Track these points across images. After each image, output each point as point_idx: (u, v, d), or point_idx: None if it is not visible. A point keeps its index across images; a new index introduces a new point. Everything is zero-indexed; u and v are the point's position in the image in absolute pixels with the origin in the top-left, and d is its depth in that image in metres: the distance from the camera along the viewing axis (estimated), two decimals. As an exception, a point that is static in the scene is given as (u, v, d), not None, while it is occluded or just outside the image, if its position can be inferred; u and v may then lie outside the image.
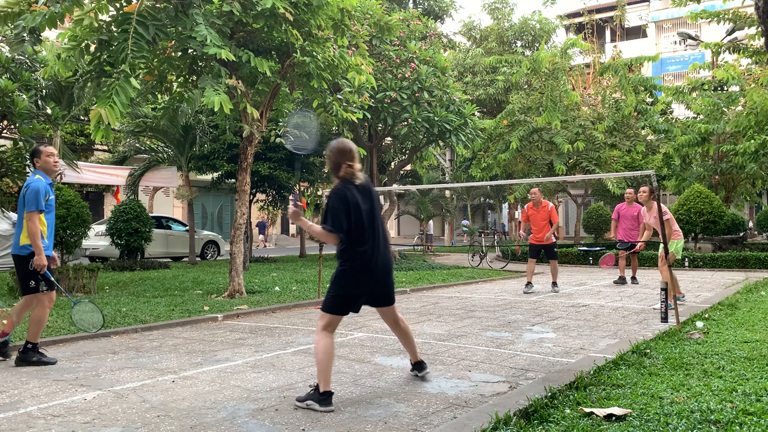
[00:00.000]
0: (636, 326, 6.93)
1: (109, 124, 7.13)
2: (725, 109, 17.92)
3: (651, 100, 21.60)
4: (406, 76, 15.91)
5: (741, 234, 19.02)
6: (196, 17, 7.71)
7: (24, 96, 11.93)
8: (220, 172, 17.88)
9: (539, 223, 10.38)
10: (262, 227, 33.11)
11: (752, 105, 14.99)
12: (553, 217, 10.37)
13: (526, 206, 10.89)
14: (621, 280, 11.70)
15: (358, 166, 4.18)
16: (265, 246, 32.84)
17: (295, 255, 23.12)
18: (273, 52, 9.43)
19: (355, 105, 12.33)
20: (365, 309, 8.91)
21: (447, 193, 32.46)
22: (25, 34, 7.67)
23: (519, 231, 11.65)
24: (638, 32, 41.13)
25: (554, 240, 10.40)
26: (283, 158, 17.29)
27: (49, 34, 11.59)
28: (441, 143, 18.80)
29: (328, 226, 4.03)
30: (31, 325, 5.25)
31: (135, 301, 8.84)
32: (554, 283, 10.68)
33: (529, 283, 10.67)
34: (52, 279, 5.32)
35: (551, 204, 10.50)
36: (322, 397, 3.86)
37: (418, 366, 4.62)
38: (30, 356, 5.22)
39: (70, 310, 6.47)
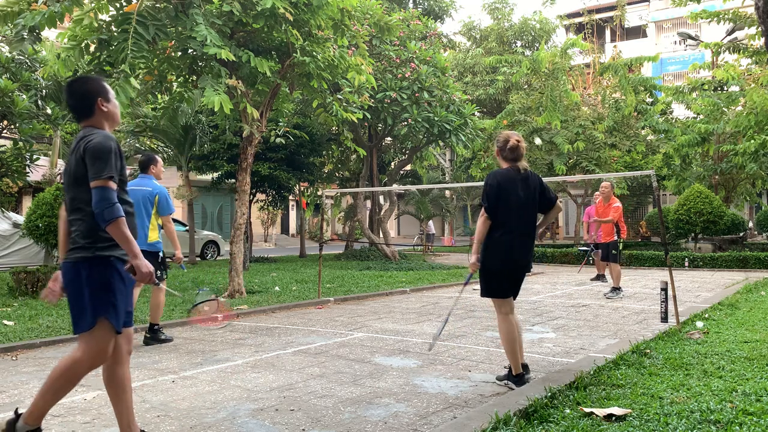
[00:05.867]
0: (636, 326, 6.93)
1: (109, 124, 7.12)
2: (725, 109, 17.92)
3: (651, 100, 21.60)
4: (406, 76, 15.91)
5: (741, 234, 19.02)
6: (196, 17, 7.71)
7: (24, 96, 11.93)
8: (220, 172, 17.88)
9: None
10: None
11: (752, 105, 14.99)
12: None
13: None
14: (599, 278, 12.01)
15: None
16: None
17: (295, 255, 23.11)
18: (273, 52, 9.43)
19: (355, 105, 12.32)
20: (365, 308, 8.91)
21: (447, 193, 32.46)
22: (24, 33, 7.66)
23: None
24: (638, 32, 41.11)
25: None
26: (283, 158, 17.29)
27: (49, 34, 11.60)
28: (441, 143, 18.80)
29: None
30: (152, 310, 6.16)
31: (136, 301, 8.83)
32: None
33: None
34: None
35: None
36: (515, 378, 4.33)
37: None
38: (159, 335, 6.16)
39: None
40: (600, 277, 12.01)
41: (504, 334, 4.33)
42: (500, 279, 4.40)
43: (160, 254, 6.16)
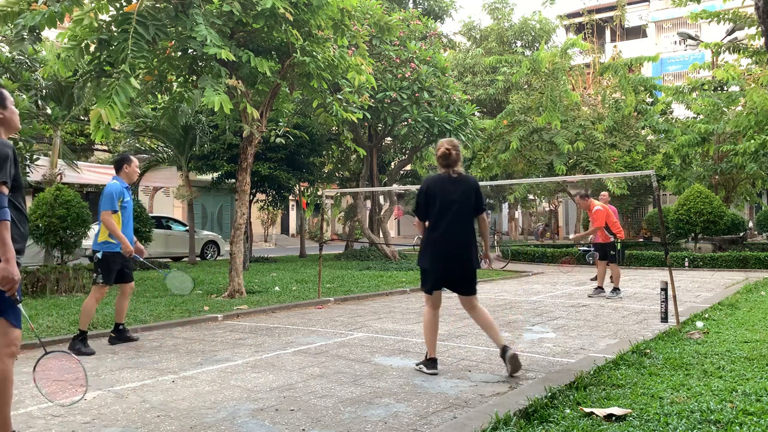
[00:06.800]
0: (636, 326, 6.92)
1: (109, 124, 7.13)
2: (725, 109, 17.91)
3: (651, 100, 21.60)
4: (406, 76, 15.91)
5: (741, 234, 19.01)
6: (196, 17, 7.70)
7: (24, 96, 11.93)
8: (220, 172, 17.87)
9: None
10: None
11: (752, 105, 14.99)
12: None
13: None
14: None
15: None
16: None
17: (295, 255, 23.11)
18: (273, 52, 9.43)
19: (355, 105, 12.32)
20: (365, 308, 8.91)
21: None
22: (24, 33, 7.66)
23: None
24: (638, 32, 41.12)
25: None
26: (283, 158, 17.28)
27: (49, 34, 11.60)
28: (441, 143, 18.74)
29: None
30: (81, 314, 5.87)
31: (135, 301, 8.83)
32: None
33: None
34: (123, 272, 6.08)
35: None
36: (428, 362, 4.80)
37: None
38: (74, 344, 5.73)
39: (163, 281, 7.76)
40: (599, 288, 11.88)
41: (425, 323, 4.89)
42: (429, 276, 4.87)
43: (98, 255, 5.89)
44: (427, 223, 4.90)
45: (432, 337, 4.83)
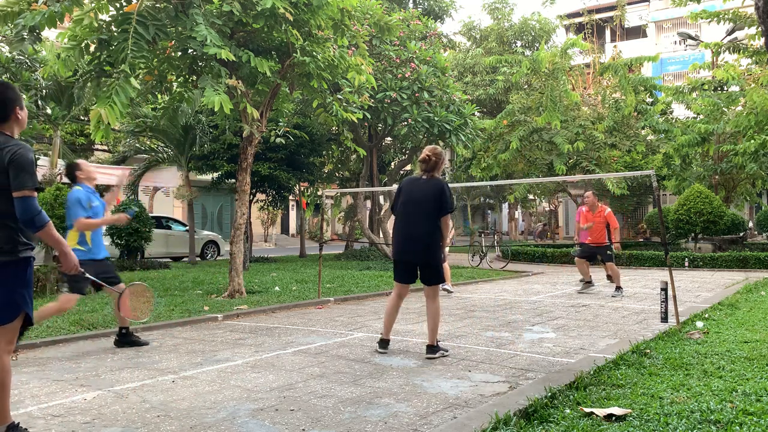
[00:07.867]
0: (636, 326, 6.93)
1: (108, 123, 7.12)
2: (725, 109, 17.92)
3: (651, 100, 21.60)
4: (406, 76, 15.92)
5: (741, 234, 19.01)
6: (196, 17, 7.70)
7: (24, 96, 11.93)
8: (220, 172, 17.87)
9: None
10: None
11: (752, 105, 14.99)
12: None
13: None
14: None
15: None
16: None
17: (295, 255, 23.11)
18: (273, 52, 9.43)
19: (355, 105, 12.32)
20: (365, 308, 8.91)
21: (447, 192, 32.43)
22: (24, 33, 7.66)
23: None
24: (638, 32, 41.12)
25: None
26: (283, 158, 17.29)
27: (49, 34, 11.60)
28: (441, 143, 18.80)
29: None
30: (39, 311, 5.53)
31: (135, 302, 8.80)
32: None
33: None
34: (96, 280, 5.62)
35: None
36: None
37: None
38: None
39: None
40: (588, 283, 11.76)
41: (386, 307, 5.60)
42: (396, 266, 5.49)
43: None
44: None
45: (388, 320, 5.51)
